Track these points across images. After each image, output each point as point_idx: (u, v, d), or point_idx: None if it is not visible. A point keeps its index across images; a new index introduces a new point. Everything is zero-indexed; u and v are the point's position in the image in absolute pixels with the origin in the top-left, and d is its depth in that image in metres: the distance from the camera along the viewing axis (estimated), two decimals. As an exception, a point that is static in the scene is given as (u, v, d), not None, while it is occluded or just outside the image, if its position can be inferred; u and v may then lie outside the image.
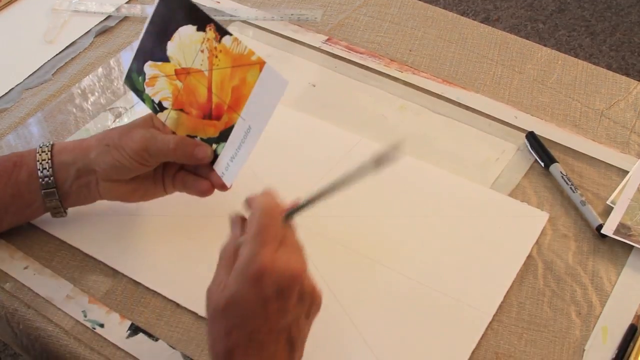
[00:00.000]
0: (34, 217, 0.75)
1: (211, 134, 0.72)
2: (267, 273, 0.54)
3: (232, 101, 0.71)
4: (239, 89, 0.70)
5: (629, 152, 0.84)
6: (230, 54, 0.70)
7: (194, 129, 0.73)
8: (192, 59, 0.73)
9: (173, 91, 0.74)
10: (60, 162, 0.71)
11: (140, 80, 0.76)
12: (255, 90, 0.69)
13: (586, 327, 0.69)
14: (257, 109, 0.69)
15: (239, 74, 0.70)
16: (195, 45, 0.72)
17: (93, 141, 0.72)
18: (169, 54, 0.74)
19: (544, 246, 0.75)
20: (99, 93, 0.92)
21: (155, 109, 0.75)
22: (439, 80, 0.93)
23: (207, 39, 0.72)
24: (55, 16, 1.02)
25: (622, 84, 0.93)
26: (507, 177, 0.81)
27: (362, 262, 0.74)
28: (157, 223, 0.77)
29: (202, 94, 0.72)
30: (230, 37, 0.70)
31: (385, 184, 0.80)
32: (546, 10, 2.39)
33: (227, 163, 0.71)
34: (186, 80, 0.73)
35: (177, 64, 0.74)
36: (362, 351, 0.67)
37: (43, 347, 0.70)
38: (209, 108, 0.72)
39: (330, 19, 1.02)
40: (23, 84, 0.93)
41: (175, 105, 0.74)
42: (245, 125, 0.70)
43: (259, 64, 0.69)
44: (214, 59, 0.71)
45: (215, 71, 0.72)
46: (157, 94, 0.75)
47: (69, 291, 0.72)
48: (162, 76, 0.75)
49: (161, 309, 0.71)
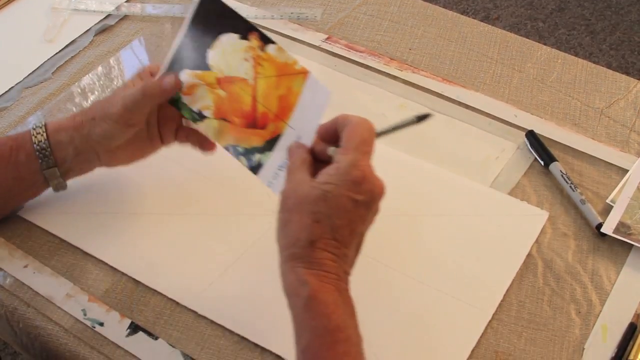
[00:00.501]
0: (36, 195, 0.77)
1: (255, 143, 0.71)
2: (367, 180, 0.60)
3: (279, 110, 0.70)
4: (285, 98, 0.70)
5: (629, 151, 0.84)
6: (275, 63, 0.70)
7: (237, 138, 0.72)
8: (236, 67, 0.72)
9: (215, 100, 0.73)
10: (57, 142, 0.73)
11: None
12: (302, 99, 0.69)
13: (586, 326, 0.69)
14: (305, 118, 0.69)
15: (285, 83, 0.70)
16: (239, 54, 0.71)
17: (82, 117, 0.73)
18: (210, 63, 0.73)
19: (543, 245, 0.75)
20: (99, 92, 0.92)
21: (195, 118, 0.73)
22: (438, 78, 0.93)
23: (251, 47, 0.71)
24: (55, 15, 1.02)
25: (622, 82, 0.93)
26: (506, 176, 0.81)
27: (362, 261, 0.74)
28: (157, 222, 0.77)
29: (246, 103, 0.71)
30: (274, 45, 0.70)
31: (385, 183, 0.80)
32: (546, 9, 2.39)
33: (275, 172, 0.69)
34: (230, 88, 0.72)
35: (220, 73, 0.72)
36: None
37: (43, 346, 0.70)
38: (254, 117, 0.71)
39: (329, 18, 1.02)
40: (23, 83, 0.93)
41: (217, 114, 0.73)
42: (294, 135, 0.69)
43: (304, 73, 0.69)
44: (259, 67, 0.71)
45: (260, 80, 0.71)
46: (196, 103, 0.73)
47: (69, 290, 0.72)
48: (202, 85, 0.73)
49: (161, 307, 0.71)
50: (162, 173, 0.80)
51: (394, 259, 0.74)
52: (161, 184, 0.80)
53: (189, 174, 0.81)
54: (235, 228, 0.76)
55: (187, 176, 0.81)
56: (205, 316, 0.69)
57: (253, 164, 0.70)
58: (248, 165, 0.71)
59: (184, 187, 0.80)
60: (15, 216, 0.77)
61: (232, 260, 0.74)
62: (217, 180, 0.80)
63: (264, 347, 0.67)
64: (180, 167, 0.81)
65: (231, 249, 0.75)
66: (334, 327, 0.57)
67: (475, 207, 0.78)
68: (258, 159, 0.70)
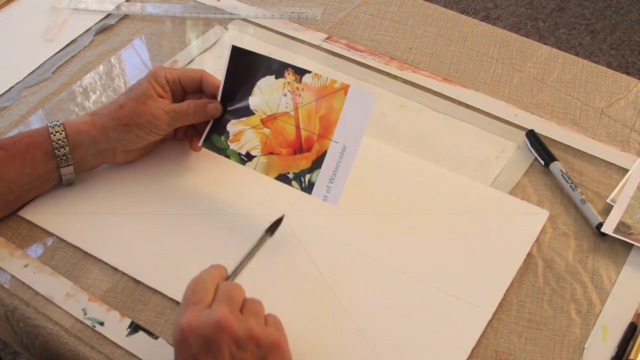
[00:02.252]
0: (46, 189, 0.78)
1: (303, 166, 0.74)
2: (187, 332, 0.58)
3: (322, 130, 0.73)
4: (326, 117, 0.73)
5: (629, 151, 0.84)
6: (313, 89, 0.74)
7: (285, 166, 0.75)
8: (277, 104, 0.75)
9: (261, 139, 0.76)
10: (77, 142, 0.75)
11: (222, 139, 0.78)
12: (344, 112, 0.73)
13: (586, 326, 0.69)
14: (349, 128, 0.72)
15: (324, 104, 0.73)
16: (277, 92, 0.75)
17: (107, 120, 0.76)
18: (252, 108, 0.77)
19: (544, 244, 0.75)
20: (100, 91, 0.92)
21: (243, 160, 0.77)
22: (439, 78, 0.93)
23: (287, 82, 0.75)
24: (55, 14, 1.02)
25: (622, 82, 0.93)
26: (507, 175, 0.81)
27: (362, 260, 0.74)
28: (157, 221, 0.77)
29: (290, 133, 0.75)
30: (309, 74, 0.74)
31: (385, 182, 0.80)
32: (546, 8, 2.39)
33: (327, 186, 0.73)
34: (273, 125, 0.76)
35: (263, 114, 0.76)
36: (362, 349, 0.67)
37: (43, 346, 0.70)
38: (299, 143, 0.74)
39: (330, 17, 1.02)
40: (23, 82, 0.93)
41: (264, 150, 0.76)
42: (339, 147, 0.73)
43: (343, 88, 0.72)
44: (298, 97, 0.74)
45: (301, 108, 0.74)
46: (243, 147, 0.77)
47: (69, 289, 0.72)
48: (248, 129, 0.77)
49: (161, 307, 0.71)
50: (163, 173, 0.80)
51: (394, 258, 0.74)
52: (162, 184, 0.80)
53: (189, 174, 0.81)
54: (236, 228, 0.76)
55: (188, 176, 0.81)
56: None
57: (305, 186, 0.74)
58: (300, 187, 0.74)
59: (184, 187, 0.80)
60: (15, 216, 0.77)
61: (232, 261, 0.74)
62: (217, 181, 0.80)
63: (264, 346, 0.67)
64: (181, 167, 0.82)
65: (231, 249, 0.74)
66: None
67: (475, 206, 0.78)
68: (308, 179, 0.73)
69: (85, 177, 0.79)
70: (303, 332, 0.68)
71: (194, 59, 0.96)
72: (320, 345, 0.67)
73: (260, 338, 0.59)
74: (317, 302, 0.70)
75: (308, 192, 0.74)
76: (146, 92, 0.77)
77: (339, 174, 0.73)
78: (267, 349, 0.59)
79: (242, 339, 0.58)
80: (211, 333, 0.57)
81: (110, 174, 0.80)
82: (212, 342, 0.57)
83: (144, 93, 0.76)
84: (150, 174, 0.81)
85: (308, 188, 0.74)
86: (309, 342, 0.67)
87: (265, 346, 0.59)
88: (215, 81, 0.79)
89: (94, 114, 0.78)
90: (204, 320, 0.58)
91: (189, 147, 0.81)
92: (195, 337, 0.57)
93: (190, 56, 0.96)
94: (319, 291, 0.71)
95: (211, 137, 0.79)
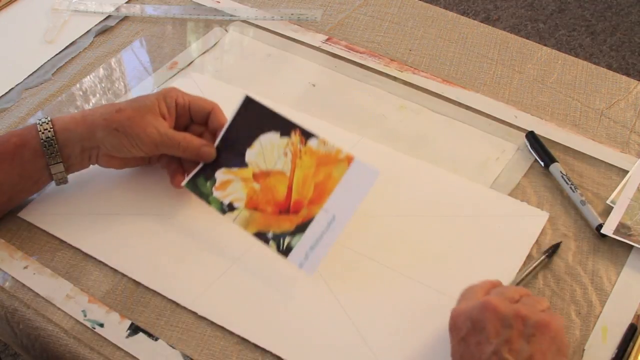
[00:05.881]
0: (39, 189, 0.78)
1: (286, 228, 0.71)
2: (456, 317, 0.62)
3: (314, 196, 0.71)
4: (323, 184, 0.71)
5: (629, 152, 0.84)
6: (316, 154, 0.71)
7: (266, 225, 0.72)
8: (274, 162, 0.73)
9: (248, 193, 0.73)
10: (65, 139, 0.74)
11: (207, 185, 0.75)
12: (342, 183, 0.70)
13: (586, 327, 0.69)
14: (343, 200, 0.70)
15: (324, 171, 0.71)
16: (278, 150, 0.73)
17: (99, 119, 0.74)
18: (247, 160, 0.74)
19: (543, 246, 0.75)
20: (100, 94, 0.92)
21: (224, 210, 0.73)
22: (439, 79, 0.93)
23: (291, 142, 0.73)
24: (55, 16, 1.02)
25: (622, 83, 0.93)
26: (507, 177, 0.81)
27: (362, 261, 0.74)
28: (157, 223, 0.77)
29: (280, 192, 0.72)
30: (316, 139, 0.71)
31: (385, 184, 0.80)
32: (546, 10, 2.39)
33: (306, 253, 0.69)
34: (265, 181, 0.73)
35: (256, 168, 0.73)
36: (361, 351, 0.67)
37: (43, 347, 0.70)
38: (287, 204, 0.72)
39: (330, 19, 1.02)
40: (23, 84, 0.93)
41: (249, 205, 0.73)
42: (328, 216, 0.70)
43: (347, 159, 0.70)
44: (298, 159, 0.72)
45: (298, 170, 0.72)
46: (227, 197, 0.74)
47: (69, 291, 0.72)
48: (237, 180, 0.74)
49: (161, 308, 0.71)
50: (163, 174, 0.80)
51: (393, 259, 0.73)
52: (162, 185, 0.80)
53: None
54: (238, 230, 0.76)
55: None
56: (206, 317, 0.69)
57: (282, 248, 0.70)
58: (277, 249, 0.71)
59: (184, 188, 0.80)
60: (15, 217, 0.77)
61: (232, 261, 0.74)
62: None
63: (264, 348, 0.67)
64: (181, 168, 0.81)
65: (231, 250, 0.74)
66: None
67: (475, 208, 0.78)
68: (287, 242, 0.70)
69: (85, 178, 0.79)
70: (302, 333, 0.68)
71: (194, 60, 0.96)
72: (318, 347, 0.67)
73: (527, 317, 0.59)
74: (316, 304, 0.70)
75: (284, 255, 0.70)
76: (150, 107, 0.75)
77: (321, 243, 0.69)
78: (535, 328, 0.59)
79: (507, 317, 0.59)
80: (477, 314, 0.60)
81: (111, 174, 0.80)
82: (477, 322, 0.60)
83: (147, 107, 0.75)
84: (151, 175, 0.81)
85: (285, 251, 0.70)
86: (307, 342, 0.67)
87: (533, 324, 0.59)
88: (223, 119, 0.77)
89: (89, 110, 0.76)
90: (472, 305, 0.61)
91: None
92: (464, 320, 0.61)
93: (190, 58, 0.96)
94: (317, 293, 0.71)
95: (196, 180, 0.76)
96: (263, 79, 0.93)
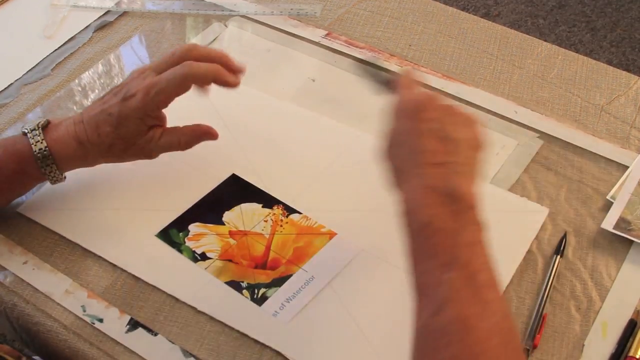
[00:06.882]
0: (35, 185, 0.77)
1: (262, 280, 0.70)
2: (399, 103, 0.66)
3: (293, 257, 0.71)
4: (303, 249, 0.71)
5: (629, 147, 0.84)
6: (298, 226, 0.72)
7: (241, 275, 0.71)
8: (253, 225, 0.73)
9: (223, 246, 0.73)
10: (63, 160, 0.73)
11: (180, 236, 0.74)
12: (323, 252, 0.71)
13: (586, 322, 0.69)
14: (323, 265, 0.70)
15: (305, 238, 0.72)
16: (258, 217, 0.74)
17: (97, 157, 0.75)
18: (224, 220, 0.74)
19: (543, 241, 0.75)
20: (99, 90, 0.91)
21: (196, 258, 0.72)
22: (438, 75, 0.92)
23: (272, 214, 0.74)
24: (54, 11, 1.02)
25: (622, 79, 0.92)
26: (506, 172, 0.81)
27: (363, 258, 0.73)
28: (156, 218, 0.77)
29: (258, 250, 0.72)
30: (299, 215, 0.73)
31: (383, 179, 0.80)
32: (546, 5, 2.39)
33: (282, 304, 0.68)
34: (241, 239, 0.73)
35: (234, 227, 0.74)
36: (362, 348, 0.67)
37: (42, 342, 0.70)
38: (264, 261, 0.71)
39: (329, 14, 1.02)
40: (22, 79, 0.93)
41: (223, 256, 0.72)
42: (307, 275, 0.70)
43: (329, 235, 0.71)
44: (278, 227, 0.73)
45: (278, 235, 0.72)
46: (200, 247, 0.73)
47: (68, 286, 0.72)
48: (211, 234, 0.74)
49: (160, 303, 0.70)
50: (162, 170, 0.80)
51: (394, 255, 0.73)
52: (161, 180, 0.80)
53: (189, 171, 0.81)
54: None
55: (187, 173, 0.81)
56: (205, 312, 0.69)
57: (256, 297, 0.69)
58: (251, 298, 0.69)
59: (184, 184, 0.79)
60: (14, 213, 0.77)
61: (231, 257, 0.74)
62: (216, 178, 0.80)
63: (263, 343, 0.67)
64: (181, 164, 0.81)
65: (231, 246, 0.74)
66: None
67: (475, 203, 0.78)
68: (262, 293, 0.69)
69: (85, 174, 0.79)
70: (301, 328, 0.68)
71: (194, 55, 0.95)
72: (319, 344, 0.67)
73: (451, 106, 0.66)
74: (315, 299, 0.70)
75: (258, 304, 0.68)
76: (136, 131, 0.73)
77: (299, 297, 0.69)
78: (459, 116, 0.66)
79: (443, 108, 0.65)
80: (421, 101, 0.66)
81: (111, 170, 0.80)
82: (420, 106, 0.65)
83: (133, 132, 0.73)
84: (150, 171, 0.80)
85: (259, 300, 0.69)
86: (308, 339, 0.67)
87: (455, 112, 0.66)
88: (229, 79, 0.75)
89: (82, 140, 0.73)
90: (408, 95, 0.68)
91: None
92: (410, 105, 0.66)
93: (189, 53, 0.96)
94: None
95: (169, 231, 0.74)
96: (262, 74, 0.93)
